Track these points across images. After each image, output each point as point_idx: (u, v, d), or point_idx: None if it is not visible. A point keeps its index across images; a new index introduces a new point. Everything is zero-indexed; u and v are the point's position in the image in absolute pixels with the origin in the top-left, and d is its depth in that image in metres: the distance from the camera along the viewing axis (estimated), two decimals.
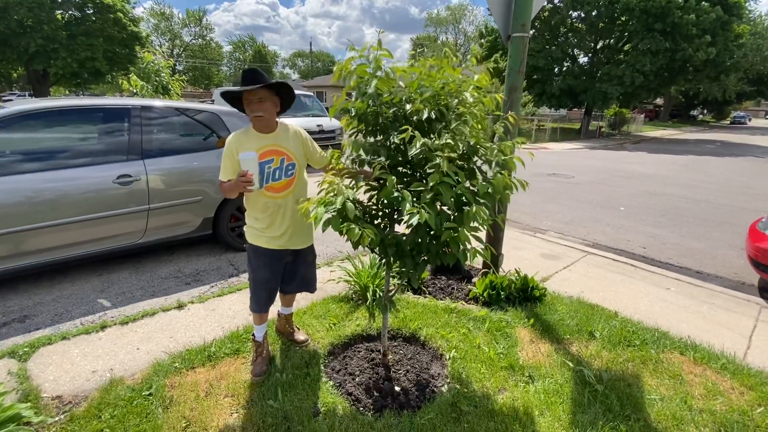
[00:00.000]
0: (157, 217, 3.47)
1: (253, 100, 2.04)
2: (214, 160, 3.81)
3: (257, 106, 2.05)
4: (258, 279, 2.30)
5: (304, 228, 2.34)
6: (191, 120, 3.84)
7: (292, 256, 2.37)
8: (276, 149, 2.17)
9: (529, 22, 3.11)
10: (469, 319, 2.99)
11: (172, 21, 58.18)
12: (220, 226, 3.89)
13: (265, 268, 2.28)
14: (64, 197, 3.03)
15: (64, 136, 3.37)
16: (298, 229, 2.31)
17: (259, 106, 2.05)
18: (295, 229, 2.28)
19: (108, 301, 3.08)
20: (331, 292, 3.36)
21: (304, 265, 2.46)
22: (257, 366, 2.33)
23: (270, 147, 2.16)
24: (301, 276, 2.48)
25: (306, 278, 2.50)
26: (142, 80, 6.29)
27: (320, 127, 10.18)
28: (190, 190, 3.64)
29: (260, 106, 2.05)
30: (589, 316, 3.13)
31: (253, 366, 2.34)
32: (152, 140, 3.49)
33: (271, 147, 2.16)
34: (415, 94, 1.99)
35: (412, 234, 1.96)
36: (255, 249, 2.27)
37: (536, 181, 8.92)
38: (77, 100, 3.38)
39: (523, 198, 7.16)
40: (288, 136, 2.23)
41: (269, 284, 2.32)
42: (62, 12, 22.11)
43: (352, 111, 2.12)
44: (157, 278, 3.47)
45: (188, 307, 3.05)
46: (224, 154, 2.12)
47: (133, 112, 3.43)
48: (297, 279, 2.47)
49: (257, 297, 2.31)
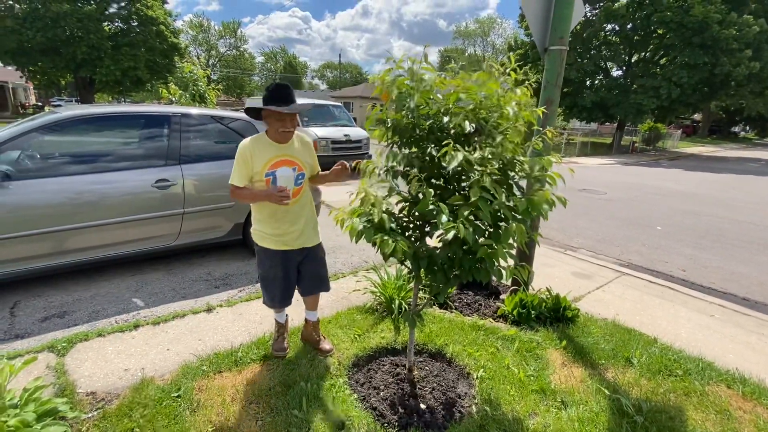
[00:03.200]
0: (191, 221, 3.57)
1: (288, 118, 2.15)
2: None
3: (291, 123, 2.18)
4: (268, 277, 2.39)
5: (310, 228, 2.42)
6: (226, 127, 3.95)
7: (301, 255, 2.42)
8: (289, 159, 2.25)
9: (568, 34, 3.05)
10: (498, 337, 2.90)
11: (209, 33, 60.78)
12: (250, 231, 3.95)
13: (276, 268, 2.36)
14: (105, 199, 3.16)
15: (107, 141, 3.53)
16: (306, 230, 2.38)
17: (292, 124, 2.19)
18: (302, 231, 2.36)
19: (141, 300, 3.17)
20: (356, 302, 3.34)
21: (314, 262, 2.48)
22: (278, 343, 2.54)
23: (284, 157, 2.23)
24: (312, 274, 2.49)
25: (318, 276, 2.52)
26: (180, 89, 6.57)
27: (347, 136, 10.30)
28: (223, 195, 3.72)
29: (293, 123, 2.19)
30: (626, 341, 2.98)
31: (275, 343, 2.56)
32: (189, 146, 3.61)
33: (284, 157, 2.23)
34: (454, 107, 1.97)
35: (445, 248, 1.92)
36: (265, 250, 2.35)
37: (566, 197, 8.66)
38: (122, 107, 3.55)
39: (552, 213, 6.91)
40: (299, 147, 2.31)
41: (283, 282, 2.39)
42: (109, 24, 23.47)
43: (388, 122, 2.13)
44: (187, 280, 3.55)
45: (217, 310, 3.10)
46: (238, 160, 2.16)
47: (173, 119, 3.56)
48: (308, 277, 2.49)
49: (270, 293, 2.43)
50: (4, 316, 2.85)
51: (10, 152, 2.95)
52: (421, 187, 1.81)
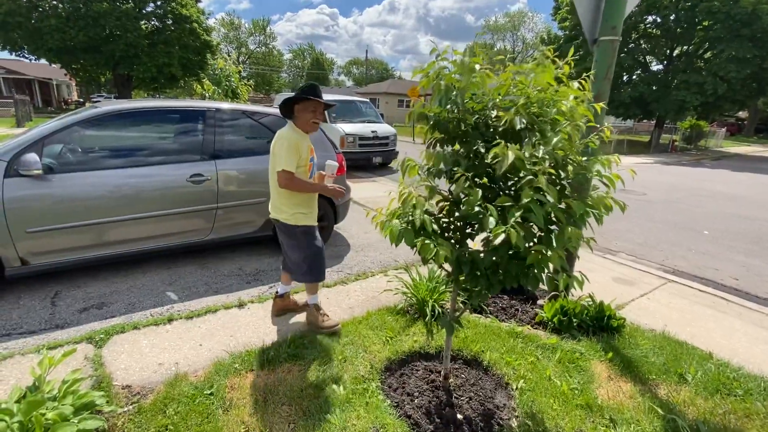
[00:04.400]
0: (224, 215, 3.58)
1: (320, 111, 2.47)
2: None
3: (321, 116, 2.51)
4: (321, 250, 2.67)
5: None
6: (258, 123, 3.94)
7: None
8: (311, 147, 2.62)
9: (621, 24, 2.84)
10: (537, 346, 2.75)
11: (240, 31, 62.03)
12: None
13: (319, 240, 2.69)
14: (141, 193, 3.20)
15: (144, 135, 3.58)
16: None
17: (322, 116, 2.53)
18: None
19: (175, 294, 3.19)
20: (386, 303, 3.25)
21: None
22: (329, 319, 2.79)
23: (310, 145, 2.59)
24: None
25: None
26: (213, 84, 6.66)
27: (375, 133, 10.22)
28: (255, 191, 3.71)
29: (323, 115, 2.54)
30: (678, 355, 2.77)
31: (326, 320, 2.77)
32: (223, 141, 3.61)
33: (310, 145, 2.59)
34: (502, 101, 1.84)
35: (490, 252, 1.80)
36: (312, 227, 2.63)
37: None
38: (158, 102, 3.58)
39: None
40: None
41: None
42: (145, 22, 24.27)
43: (431, 118, 2.02)
44: (220, 275, 3.57)
45: (248, 306, 3.09)
46: (290, 148, 2.35)
47: (207, 114, 3.57)
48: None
49: (323, 266, 2.71)
50: (45, 306, 2.94)
51: (53, 146, 3.03)
52: (468, 187, 1.69)
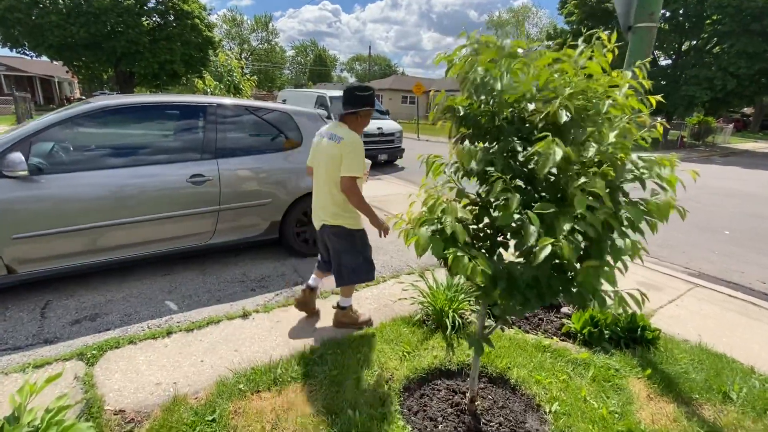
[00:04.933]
0: (227, 218, 3.36)
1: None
2: (282, 161, 3.65)
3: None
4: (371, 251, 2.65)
5: None
6: (262, 120, 3.72)
7: None
8: None
9: (659, 10, 2.59)
10: (568, 361, 2.52)
11: (242, 27, 61.71)
12: (286, 231, 3.72)
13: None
14: (138, 195, 2.99)
15: (141, 133, 3.36)
16: None
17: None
18: None
19: (174, 303, 2.98)
20: (400, 312, 3.04)
21: None
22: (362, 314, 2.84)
23: None
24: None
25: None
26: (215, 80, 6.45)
27: (380, 129, 9.97)
28: (260, 192, 3.49)
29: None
30: (719, 370, 2.54)
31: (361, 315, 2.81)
32: (226, 139, 3.39)
33: None
34: (544, 92, 1.61)
35: (530, 266, 1.58)
36: (364, 230, 2.56)
37: None
38: (155, 97, 3.36)
39: None
40: None
41: None
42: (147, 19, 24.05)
43: (459, 110, 1.79)
44: (222, 282, 3.35)
45: (253, 316, 2.88)
46: (362, 152, 2.30)
47: (208, 109, 3.35)
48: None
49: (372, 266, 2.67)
50: (34, 318, 2.72)
51: (42, 144, 2.81)
52: (504, 191, 1.47)
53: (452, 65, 1.79)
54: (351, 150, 2.21)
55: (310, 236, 3.89)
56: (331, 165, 2.30)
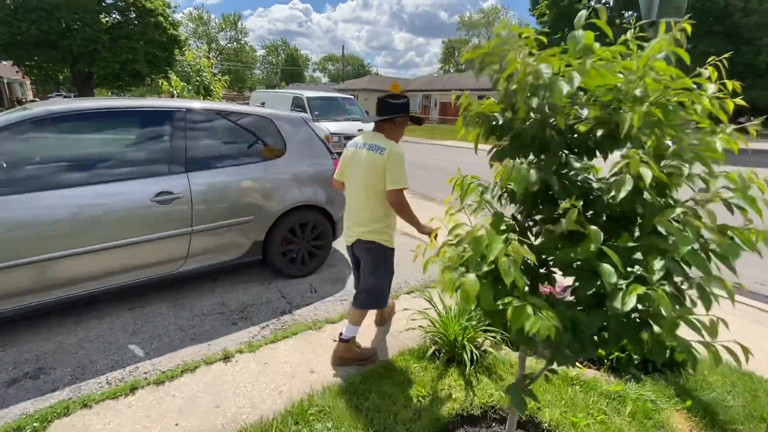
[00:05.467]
0: (201, 241, 2.91)
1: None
2: (264, 173, 3.22)
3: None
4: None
5: None
6: (240, 126, 3.28)
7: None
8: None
9: (685, 3, 2.36)
10: (600, 395, 2.25)
11: (209, 26, 59.76)
12: (270, 250, 3.30)
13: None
14: (92, 219, 2.50)
15: (95, 144, 2.87)
16: None
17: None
18: None
19: (140, 347, 2.51)
20: (405, 341, 2.70)
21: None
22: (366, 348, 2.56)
23: None
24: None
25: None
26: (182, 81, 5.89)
27: (361, 132, 9.60)
28: (240, 208, 3.06)
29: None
30: (754, 393, 2.36)
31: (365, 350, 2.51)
32: (197, 150, 2.94)
33: None
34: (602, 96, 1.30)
35: (599, 314, 1.26)
36: (394, 250, 2.39)
37: None
38: (112, 101, 2.87)
39: None
40: None
41: None
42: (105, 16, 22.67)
43: (498, 119, 1.46)
44: (197, 315, 2.90)
45: (236, 358, 2.45)
46: (404, 162, 2.17)
47: (176, 115, 2.89)
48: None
49: (389, 292, 2.50)
50: None
51: None
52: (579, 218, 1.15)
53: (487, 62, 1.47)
54: (397, 161, 2.11)
55: (298, 255, 3.49)
56: (373, 176, 2.17)
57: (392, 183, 2.11)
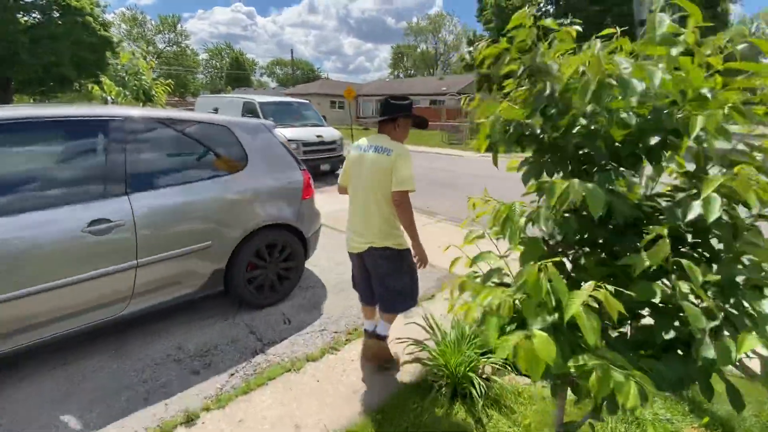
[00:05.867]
0: (149, 275, 2.42)
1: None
2: (224, 189, 2.79)
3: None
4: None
5: None
6: (193, 136, 2.82)
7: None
8: None
9: None
10: (618, 420, 2.08)
11: (145, 27, 56.13)
12: (234, 278, 2.86)
13: None
14: (7, 259, 1.96)
15: (10, 164, 2.30)
16: None
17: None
18: None
19: (75, 419, 1.99)
20: (402, 375, 2.39)
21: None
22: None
23: None
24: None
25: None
26: (118, 85, 5.18)
27: (321, 137, 9.19)
28: (196, 233, 2.61)
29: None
30: (759, 400, 2.30)
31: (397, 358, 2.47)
32: (140, 166, 2.46)
33: None
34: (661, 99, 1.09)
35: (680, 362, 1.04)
36: (410, 249, 2.28)
37: None
38: (27, 109, 2.31)
39: None
40: None
41: None
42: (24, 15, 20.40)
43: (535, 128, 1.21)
44: (149, 364, 2.40)
45: (202, 418, 2.02)
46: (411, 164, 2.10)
47: (112, 125, 2.39)
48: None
49: (417, 289, 2.40)
50: None
51: None
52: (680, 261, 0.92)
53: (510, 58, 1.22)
54: (404, 163, 2.06)
55: (266, 280, 3.07)
56: (381, 179, 2.10)
57: (399, 184, 2.05)
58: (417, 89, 32.81)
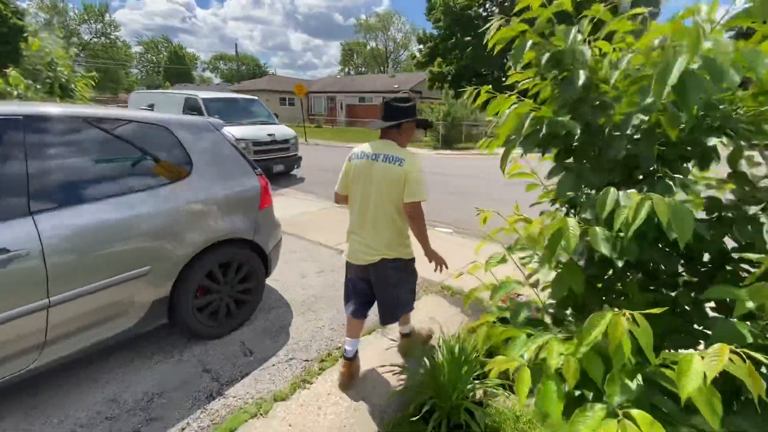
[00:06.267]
0: (67, 314, 1.92)
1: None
2: (163, 202, 2.33)
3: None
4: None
5: None
6: (122, 138, 2.32)
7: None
8: None
9: None
10: None
11: (67, 17, 51.00)
12: (181, 307, 2.41)
13: None
14: None
15: None
16: None
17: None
18: None
19: None
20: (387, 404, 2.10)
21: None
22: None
23: None
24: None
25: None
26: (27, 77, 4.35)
27: (272, 136, 8.62)
28: (129, 257, 2.13)
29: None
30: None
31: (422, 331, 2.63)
32: (51, 178, 1.95)
33: None
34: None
35: None
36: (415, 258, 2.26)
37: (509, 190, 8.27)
38: None
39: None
40: None
41: None
42: None
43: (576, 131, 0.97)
44: (73, 428, 1.91)
45: None
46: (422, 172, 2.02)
47: (13, 124, 1.86)
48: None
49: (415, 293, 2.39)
50: None
51: None
52: None
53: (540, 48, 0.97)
54: (418, 172, 2.00)
55: (221, 306, 2.64)
56: (392, 189, 2.02)
57: (413, 195, 2.00)
58: (369, 87, 32.52)
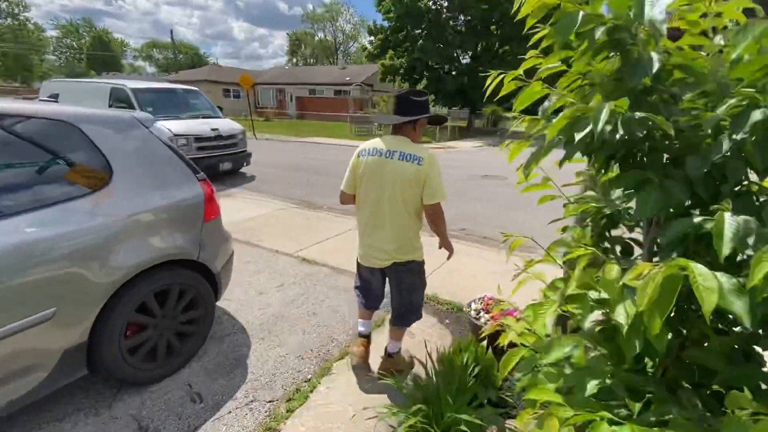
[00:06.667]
0: None
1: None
2: (68, 220, 1.79)
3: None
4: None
5: None
6: (12, 139, 1.76)
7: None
8: None
9: None
10: None
11: None
12: (104, 353, 1.90)
13: None
14: None
15: None
16: None
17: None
18: None
19: None
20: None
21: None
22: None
23: None
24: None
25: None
26: None
27: (216, 131, 7.87)
28: (25, 297, 1.60)
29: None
30: None
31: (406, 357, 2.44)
32: None
33: None
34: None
35: None
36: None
37: (477, 186, 8.27)
38: None
39: (476, 207, 6.31)
40: None
41: None
42: None
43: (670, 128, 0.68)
44: None
45: None
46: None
47: None
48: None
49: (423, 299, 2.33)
50: None
51: None
52: None
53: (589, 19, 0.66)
54: (437, 172, 1.92)
55: (159, 343, 2.15)
56: (409, 189, 1.92)
57: (433, 196, 1.92)
58: (320, 78, 31.54)
